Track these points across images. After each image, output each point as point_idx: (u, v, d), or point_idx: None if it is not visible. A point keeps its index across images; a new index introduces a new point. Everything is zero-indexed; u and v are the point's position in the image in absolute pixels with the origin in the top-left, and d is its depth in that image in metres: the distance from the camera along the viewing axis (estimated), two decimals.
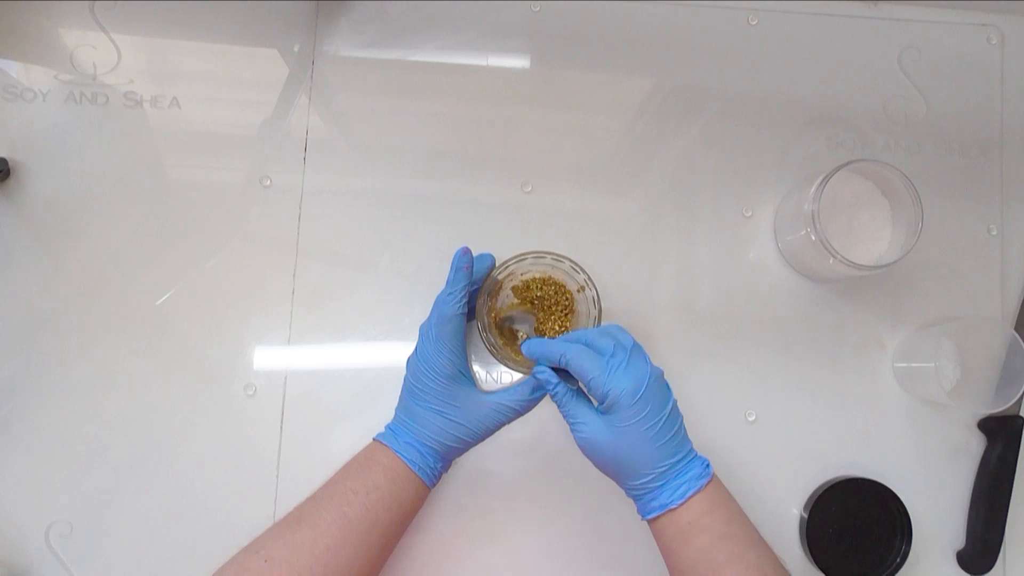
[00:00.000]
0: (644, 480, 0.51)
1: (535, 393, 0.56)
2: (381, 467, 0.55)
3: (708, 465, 0.52)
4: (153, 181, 0.65)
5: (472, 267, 0.57)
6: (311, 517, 0.52)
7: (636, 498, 0.53)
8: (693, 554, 0.51)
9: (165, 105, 0.66)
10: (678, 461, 0.52)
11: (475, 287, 0.58)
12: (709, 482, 0.52)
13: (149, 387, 0.63)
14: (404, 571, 0.61)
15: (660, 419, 0.51)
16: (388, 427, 0.57)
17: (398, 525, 0.55)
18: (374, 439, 0.57)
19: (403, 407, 0.57)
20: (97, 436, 0.62)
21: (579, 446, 0.53)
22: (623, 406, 0.50)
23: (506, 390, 0.56)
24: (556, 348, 0.53)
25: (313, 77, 0.67)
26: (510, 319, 0.62)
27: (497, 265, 0.58)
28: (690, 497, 0.51)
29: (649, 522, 0.53)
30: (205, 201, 0.65)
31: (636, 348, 0.53)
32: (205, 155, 0.66)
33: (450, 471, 0.61)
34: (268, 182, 0.66)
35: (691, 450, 0.53)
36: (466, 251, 0.57)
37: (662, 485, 0.51)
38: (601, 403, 0.52)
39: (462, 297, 0.56)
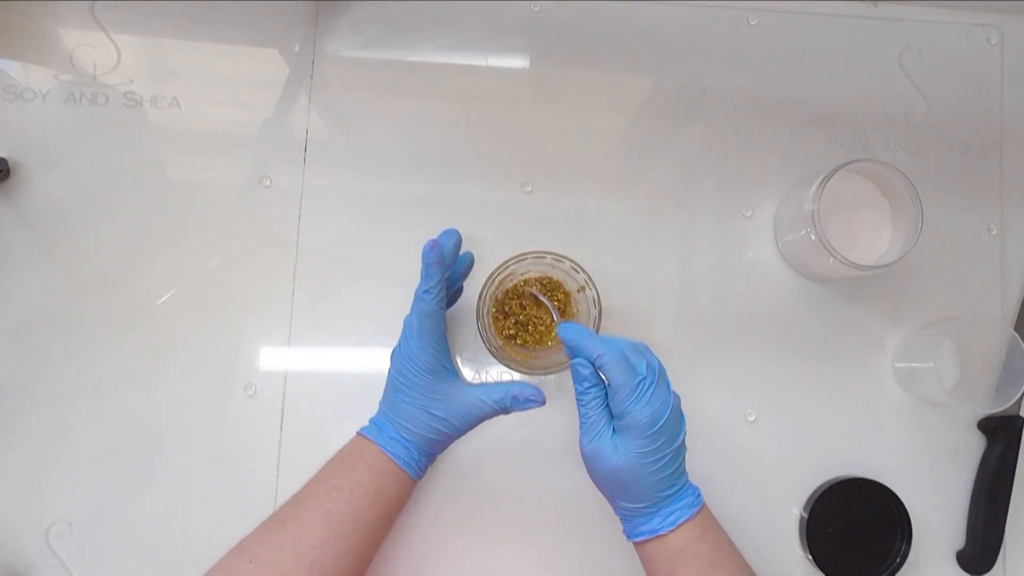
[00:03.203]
0: (637, 505, 0.51)
1: (515, 398, 0.55)
2: (365, 462, 0.55)
3: (699, 495, 0.53)
4: (153, 181, 0.65)
5: (443, 259, 0.56)
6: (296, 516, 0.52)
7: (624, 518, 0.53)
8: None
9: (165, 105, 0.66)
10: (674, 492, 0.52)
11: (450, 273, 0.59)
12: (700, 510, 0.52)
13: (149, 387, 0.63)
14: (395, 571, 0.61)
15: (668, 453, 0.51)
16: (372, 421, 0.57)
17: (384, 520, 0.55)
18: (358, 433, 0.57)
19: (387, 401, 0.57)
20: (97, 436, 0.62)
21: (584, 453, 0.53)
22: (638, 435, 0.50)
23: (488, 387, 0.56)
24: (594, 346, 0.52)
25: (313, 77, 0.67)
26: (512, 317, 0.62)
27: (497, 265, 0.58)
28: (680, 525, 0.51)
29: (636, 544, 0.53)
30: (205, 201, 0.65)
31: (662, 373, 0.52)
32: (205, 155, 0.66)
33: (444, 471, 0.61)
34: (268, 182, 0.66)
35: (686, 481, 0.53)
36: (434, 245, 0.56)
37: (654, 512, 0.51)
38: (619, 419, 0.51)
39: (438, 292, 0.55)
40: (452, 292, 0.62)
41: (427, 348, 0.55)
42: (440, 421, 0.55)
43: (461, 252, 0.60)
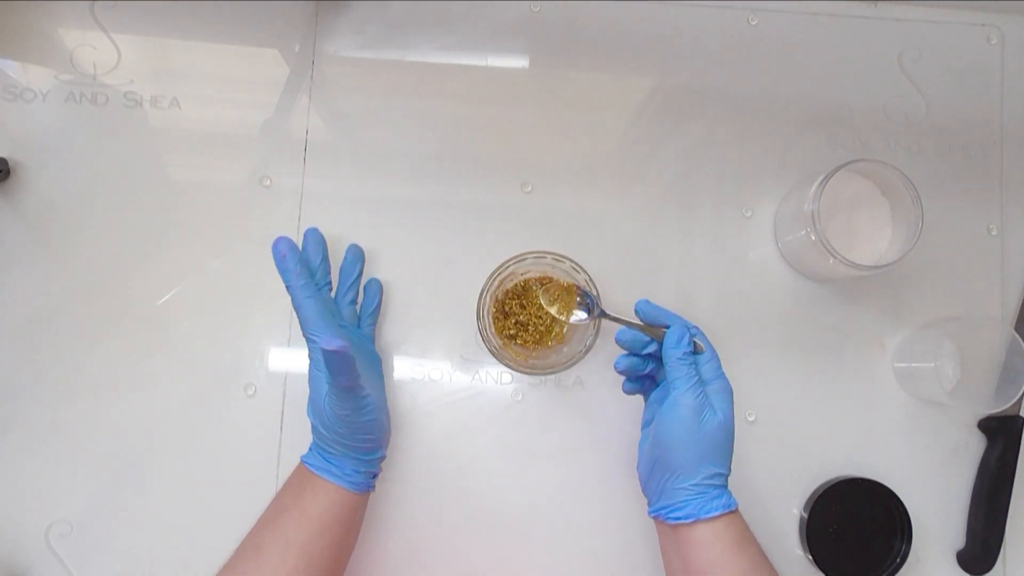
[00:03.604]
0: (722, 471, 0.53)
1: (317, 358, 0.54)
2: (290, 485, 0.55)
3: None
4: (153, 181, 0.65)
5: (289, 253, 0.56)
6: (248, 562, 0.52)
7: (700, 492, 0.52)
8: (745, 564, 0.51)
9: (165, 105, 0.66)
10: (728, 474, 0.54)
11: (348, 279, 0.62)
12: None
13: (149, 387, 0.63)
14: (393, 572, 0.62)
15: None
16: (310, 444, 0.57)
17: (338, 542, 0.54)
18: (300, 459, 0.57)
19: None
20: (97, 436, 0.62)
21: (689, 408, 0.52)
22: (728, 396, 0.54)
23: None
24: (683, 320, 0.56)
25: (313, 77, 0.67)
26: (513, 315, 0.62)
27: (497, 265, 0.58)
28: (738, 507, 0.53)
29: (700, 525, 0.52)
30: (205, 201, 0.65)
31: None
32: (205, 155, 0.66)
33: (442, 471, 0.61)
34: (268, 182, 0.66)
35: None
36: (278, 240, 0.56)
37: (725, 486, 0.53)
38: (708, 385, 0.54)
39: (294, 283, 0.55)
40: (351, 286, 0.62)
41: (308, 341, 0.55)
42: (315, 416, 0.55)
43: (350, 244, 0.62)
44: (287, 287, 0.56)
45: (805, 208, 0.60)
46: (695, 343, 0.55)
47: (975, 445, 0.66)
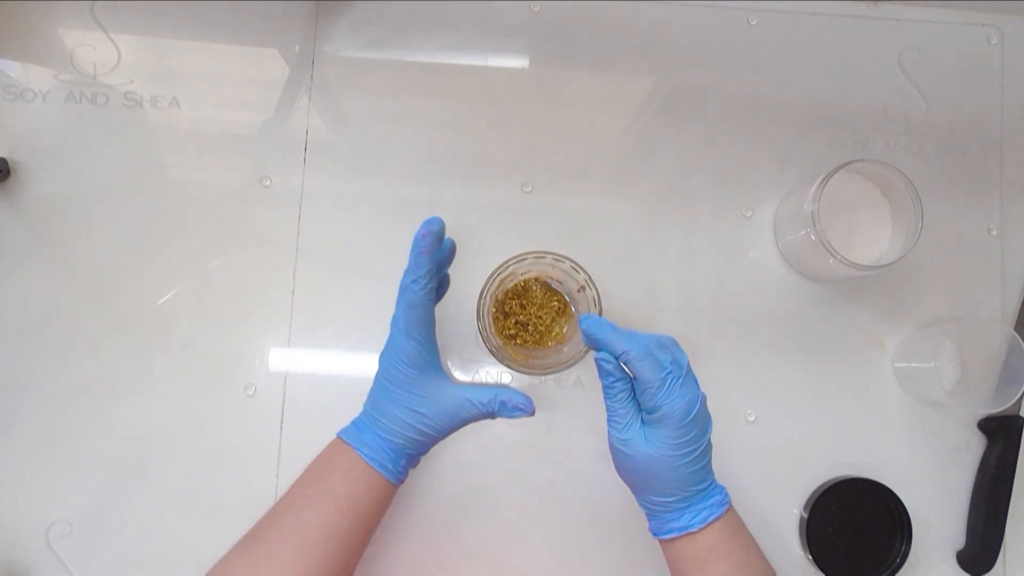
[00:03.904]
0: (667, 499, 0.51)
1: (504, 404, 0.54)
2: (338, 469, 0.53)
3: (727, 494, 0.52)
4: (153, 181, 0.65)
5: (433, 250, 0.54)
6: (265, 534, 0.51)
7: (653, 515, 0.52)
8: None
9: (165, 105, 0.66)
10: (704, 488, 0.51)
11: (440, 270, 0.57)
12: (728, 510, 0.52)
13: (149, 387, 0.63)
14: (394, 573, 0.61)
15: (700, 445, 0.51)
16: (353, 422, 0.55)
17: (360, 530, 0.52)
18: (336, 435, 0.54)
19: (371, 401, 0.55)
20: (97, 436, 0.62)
21: (614, 448, 0.52)
22: (672, 424, 0.49)
23: (476, 388, 0.54)
24: (619, 341, 0.51)
25: (313, 77, 0.67)
26: (512, 316, 0.62)
27: (497, 265, 0.58)
28: (711, 523, 0.51)
29: (663, 542, 0.53)
30: (205, 201, 0.65)
31: (690, 369, 0.51)
32: (205, 155, 0.66)
33: (444, 471, 0.61)
34: (268, 182, 0.66)
35: (714, 479, 0.52)
36: (427, 232, 0.53)
37: (685, 508, 0.51)
38: (649, 413, 0.50)
39: (427, 282, 0.53)
40: (438, 281, 0.60)
41: (413, 341, 0.53)
42: (422, 420, 0.53)
43: (446, 238, 0.58)
44: (413, 280, 0.53)
45: (805, 208, 0.60)
46: (624, 368, 0.51)
47: (975, 445, 0.66)
